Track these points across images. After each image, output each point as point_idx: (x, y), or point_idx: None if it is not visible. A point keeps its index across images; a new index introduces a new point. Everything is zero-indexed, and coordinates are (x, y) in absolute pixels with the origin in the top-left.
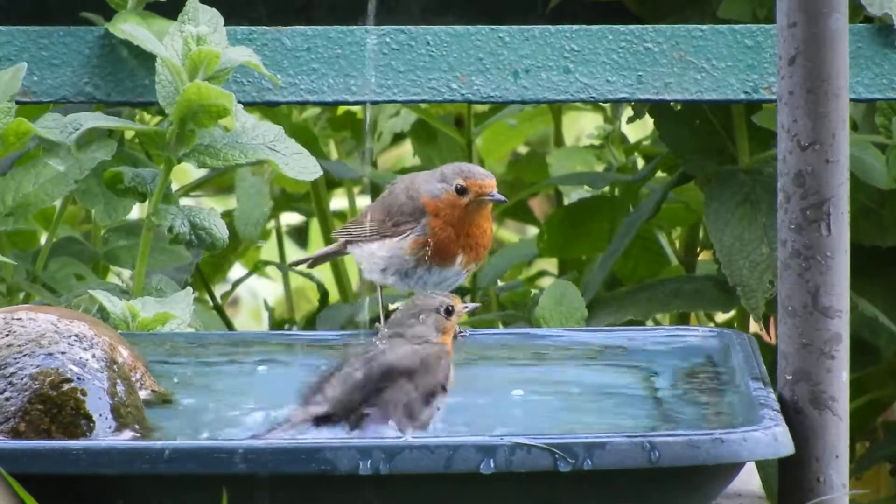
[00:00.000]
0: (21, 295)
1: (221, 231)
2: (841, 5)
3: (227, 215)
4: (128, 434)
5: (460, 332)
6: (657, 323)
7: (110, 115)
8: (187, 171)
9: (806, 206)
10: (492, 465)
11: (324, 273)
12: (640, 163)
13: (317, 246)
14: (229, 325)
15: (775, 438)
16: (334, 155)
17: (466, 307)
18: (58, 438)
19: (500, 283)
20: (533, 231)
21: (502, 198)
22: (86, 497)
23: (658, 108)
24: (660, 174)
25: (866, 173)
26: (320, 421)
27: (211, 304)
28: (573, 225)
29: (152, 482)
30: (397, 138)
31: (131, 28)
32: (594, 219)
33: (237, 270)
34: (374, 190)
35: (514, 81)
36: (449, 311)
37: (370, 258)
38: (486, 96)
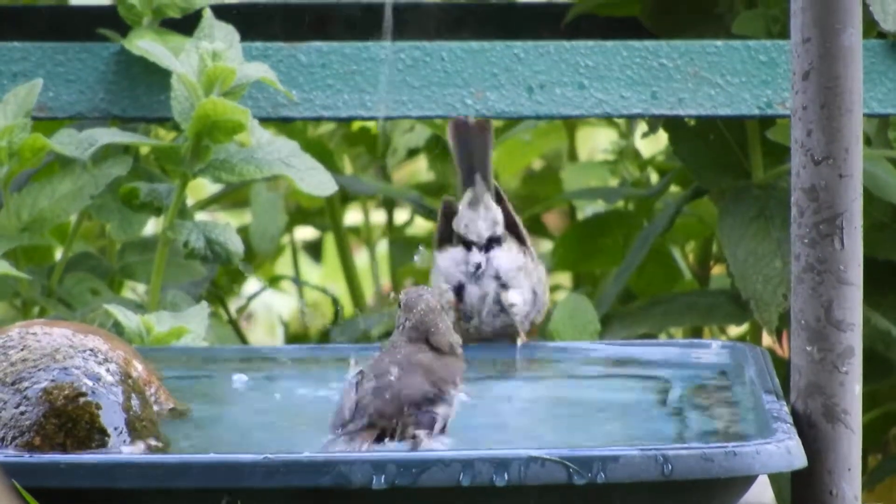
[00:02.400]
0: (36, 309)
1: (237, 246)
2: (855, 21)
3: (243, 230)
4: (143, 448)
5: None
6: (671, 336)
7: (126, 130)
8: (202, 186)
9: (819, 221)
10: (506, 477)
11: (338, 287)
12: (654, 177)
13: (332, 260)
14: (244, 340)
15: (788, 451)
16: (349, 170)
17: None
18: (73, 452)
19: None
20: (547, 245)
21: None
22: None
23: (672, 124)
24: (673, 189)
25: (879, 188)
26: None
27: (226, 318)
28: (587, 239)
29: (167, 496)
30: (412, 154)
31: (147, 44)
32: (608, 233)
33: (252, 285)
34: (389, 205)
35: (529, 97)
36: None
37: None
38: (501, 112)
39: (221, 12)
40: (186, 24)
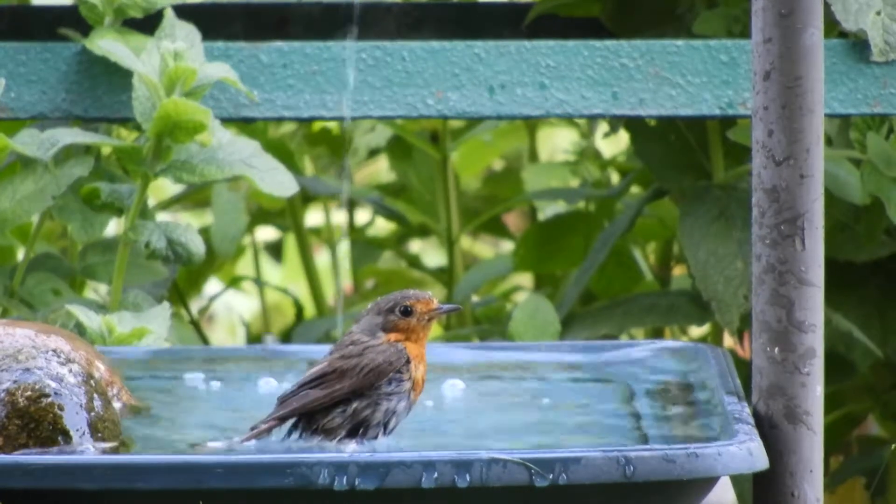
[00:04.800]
0: None
1: (198, 246)
2: (816, 21)
3: (204, 231)
4: (105, 449)
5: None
6: (632, 337)
7: (87, 130)
8: (164, 187)
9: (780, 222)
10: (468, 479)
11: (299, 288)
12: (615, 178)
13: (293, 261)
14: (205, 340)
15: (750, 453)
16: (310, 171)
17: (441, 309)
18: (35, 453)
19: (475, 298)
20: (508, 246)
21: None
22: None
23: (633, 124)
24: (634, 189)
25: (841, 188)
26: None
27: (187, 318)
28: (548, 240)
29: (129, 497)
30: (373, 154)
31: (109, 44)
32: (569, 234)
33: (213, 286)
34: (351, 205)
35: (490, 97)
36: (406, 311)
37: None
38: (462, 112)
39: (183, 12)
40: (148, 24)
